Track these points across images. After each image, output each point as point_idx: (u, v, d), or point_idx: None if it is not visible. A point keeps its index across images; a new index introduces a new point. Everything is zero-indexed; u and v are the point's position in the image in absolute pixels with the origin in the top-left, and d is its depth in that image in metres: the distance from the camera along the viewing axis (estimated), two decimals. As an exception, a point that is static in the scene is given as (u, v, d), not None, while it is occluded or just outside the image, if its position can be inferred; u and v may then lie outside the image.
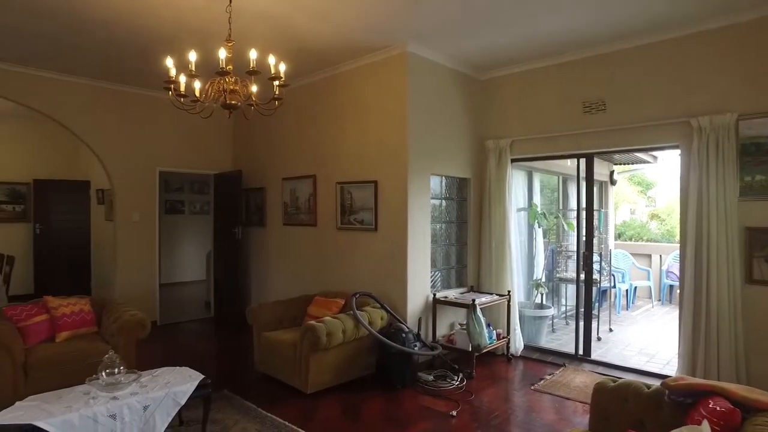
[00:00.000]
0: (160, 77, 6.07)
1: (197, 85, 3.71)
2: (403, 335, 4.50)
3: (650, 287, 8.37)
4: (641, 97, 4.66)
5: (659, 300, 8.54)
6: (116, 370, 3.21)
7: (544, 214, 5.97)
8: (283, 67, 3.66)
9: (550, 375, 4.83)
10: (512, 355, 5.38)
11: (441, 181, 5.50)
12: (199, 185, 10.61)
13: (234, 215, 6.97)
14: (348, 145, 5.57)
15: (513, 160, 5.54)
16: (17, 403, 2.96)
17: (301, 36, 4.73)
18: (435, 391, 4.43)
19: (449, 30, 4.57)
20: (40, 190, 8.66)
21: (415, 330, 4.79)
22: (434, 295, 5.16)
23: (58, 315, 4.30)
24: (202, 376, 3.42)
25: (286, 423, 3.73)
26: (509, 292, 5.37)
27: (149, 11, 4.19)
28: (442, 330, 5.27)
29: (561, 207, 7.41)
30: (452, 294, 5.37)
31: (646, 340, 6.20)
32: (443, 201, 5.54)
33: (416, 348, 4.51)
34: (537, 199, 6.24)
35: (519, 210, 5.90)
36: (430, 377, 4.66)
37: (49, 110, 6.02)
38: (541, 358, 5.39)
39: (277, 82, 3.62)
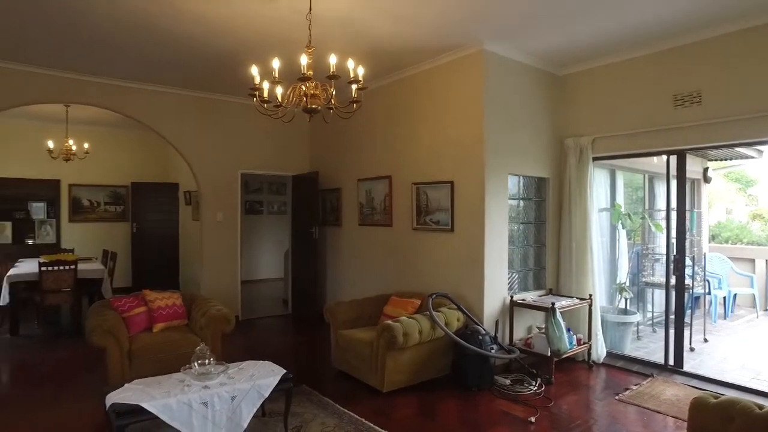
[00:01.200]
0: (243, 85, 6.42)
1: (279, 90, 3.87)
2: (480, 337, 4.44)
3: (754, 295, 7.66)
4: (744, 86, 4.28)
5: (766, 309, 7.80)
6: (207, 361, 3.41)
7: (629, 215, 5.66)
8: (361, 71, 3.72)
9: (636, 385, 4.57)
10: (594, 362, 5.14)
11: (518, 181, 5.37)
12: (277, 186, 11.04)
13: (311, 215, 7.19)
14: (424, 145, 5.58)
15: (594, 159, 5.30)
16: (126, 385, 3.23)
17: (378, 38, 4.80)
18: (512, 395, 4.34)
19: (528, 26, 4.46)
20: (137, 192, 9.42)
21: (492, 332, 4.71)
22: (511, 297, 5.05)
23: (155, 308, 4.64)
24: (285, 371, 3.56)
25: (363, 420, 3.79)
26: (591, 295, 5.14)
27: (236, 23, 4.43)
28: (519, 333, 5.14)
29: (647, 207, 6.99)
30: (530, 297, 5.23)
31: (750, 354, 5.70)
32: (521, 201, 5.41)
33: (493, 351, 4.44)
34: (620, 198, 5.92)
35: (601, 210, 5.63)
36: (507, 381, 4.56)
37: (145, 119, 6.52)
38: (625, 366, 5.11)
39: (355, 86, 3.69)
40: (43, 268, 6.18)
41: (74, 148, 7.94)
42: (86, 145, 8.37)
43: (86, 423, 3.79)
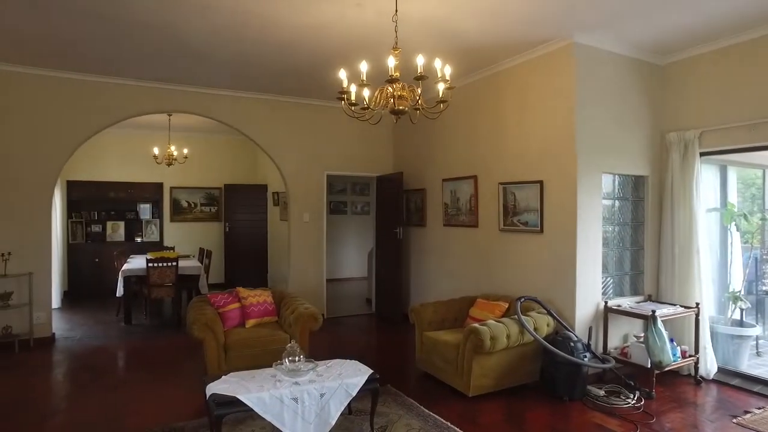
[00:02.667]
0: (328, 88, 6.59)
1: (366, 93, 3.91)
2: (572, 344, 4.21)
3: None
4: None
5: None
6: (297, 358, 3.51)
7: (744, 215, 5.11)
8: (448, 70, 3.66)
9: (760, 409, 4.05)
10: (702, 377, 4.69)
11: (613, 180, 5.04)
12: (360, 187, 11.24)
13: (395, 215, 7.22)
14: (510, 144, 5.41)
15: (702, 154, 4.84)
16: (223, 377, 3.40)
17: (463, 36, 4.71)
18: (607, 407, 4.07)
19: (623, 15, 4.17)
20: (229, 193, 9.98)
21: (585, 339, 4.46)
22: (606, 303, 4.75)
23: (247, 304, 4.87)
24: (371, 371, 3.58)
25: (449, 424, 3.72)
26: (698, 304, 4.71)
27: (323, 29, 4.54)
28: (613, 341, 4.83)
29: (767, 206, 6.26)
30: (626, 303, 4.89)
31: None
32: (616, 201, 5.08)
33: (586, 359, 4.19)
34: (732, 197, 5.36)
35: (709, 211, 5.14)
36: (601, 392, 4.29)
37: (238, 124, 6.89)
38: (743, 385, 4.57)
39: (443, 86, 3.64)
40: (150, 264, 6.72)
41: (175, 153, 8.56)
42: (186, 151, 8.99)
43: (187, 406, 4.06)
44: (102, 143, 9.30)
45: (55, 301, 8.00)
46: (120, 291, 6.92)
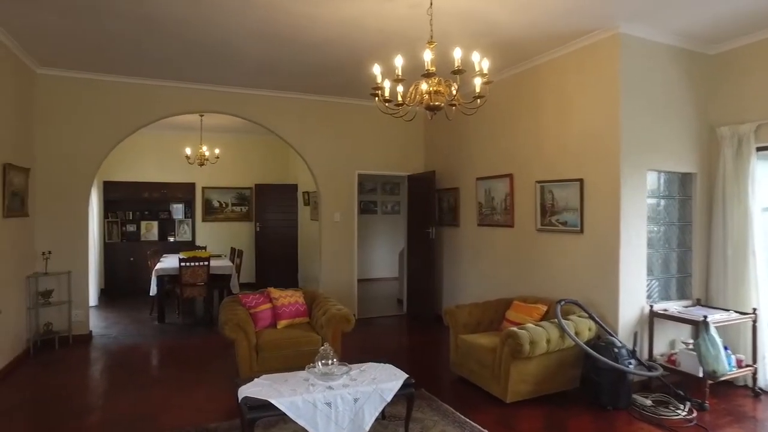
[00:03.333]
0: (360, 87, 6.50)
1: (400, 89, 3.80)
2: (615, 350, 4.00)
3: None
4: None
5: None
6: (330, 361, 3.42)
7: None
8: (486, 64, 3.51)
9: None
10: (761, 389, 4.37)
11: (658, 178, 4.79)
12: (390, 186, 11.13)
13: (427, 215, 7.09)
14: (549, 141, 5.21)
15: (759, 149, 4.54)
16: (255, 380, 3.34)
17: (500, 29, 4.55)
18: (655, 419, 3.84)
19: (672, 2, 3.93)
20: (260, 193, 10.00)
21: (629, 345, 4.24)
22: (651, 307, 4.51)
23: (279, 305, 4.81)
24: (407, 376, 3.46)
25: (486, 431, 3.58)
26: (755, 310, 4.41)
27: (358, 25, 4.44)
28: (659, 347, 4.58)
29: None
30: (673, 307, 4.64)
31: None
32: (661, 200, 4.82)
33: (631, 366, 3.97)
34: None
35: (765, 209, 4.82)
36: (648, 402, 4.07)
37: (270, 124, 6.87)
38: (808, 399, 4.26)
39: (480, 80, 3.49)
40: (182, 264, 6.76)
41: (207, 153, 8.62)
42: (217, 151, 9.05)
43: (219, 407, 4.04)
44: (137, 144, 9.46)
45: (93, 299, 8.16)
46: (153, 290, 7.00)
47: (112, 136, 6.20)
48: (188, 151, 8.46)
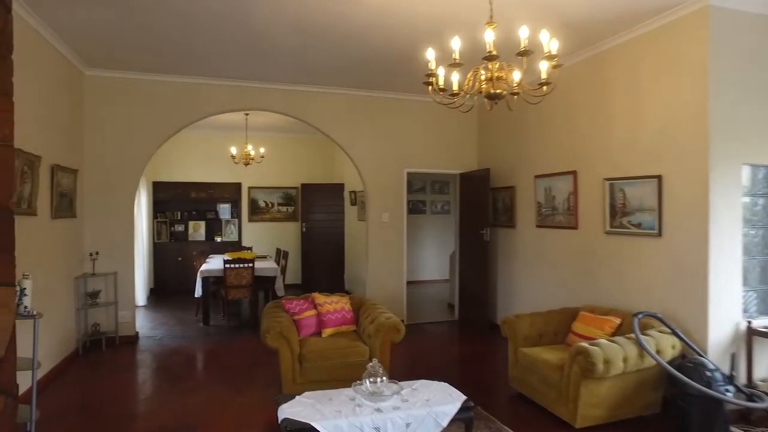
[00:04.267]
0: (407, 80, 6.16)
1: (455, 77, 3.43)
2: (708, 373, 3.46)
3: None
4: None
5: None
6: (379, 379, 3.09)
7: None
8: (555, 45, 3.08)
9: None
10: None
11: (755, 173, 4.16)
12: (439, 185, 10.71)
13: (481, 216, 6.65)
14: (618, 134, 4.68)
15: None
16: (297, 398, 3.06)
17: (564, 9, 4.08)
18: (756, 454, 3.29)
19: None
20: (306, 193, 9.80)
21: (724, 368, 3.67)
22: (749, 323, 3.92)
23: (324, 312, 4.52)
24: (465, 398, 3.09)
25: (555, 462, 3.16)
26: None
27: (404, 9, 4.09)
28: (760, 371, 3.97)
29: None
30: (773, 323, 4.02)
31: None
32: (759, 198, 4.19)
33: (729, 394, 3.42)
34: None
35: None
36: (748, 435, 3.51)
37: (315, 121, 6.61)
38: None
39: (548, 63, 3.06)
40: (227, 265, 6.61)
41: (252, 153, 8.49)
42: (262, 150, 8.91)
43: (260, 420, 3.82)
44: (184, 145, 9.50)
45: (141, 298, 8.20)
46: (198, 291, 6.89)
47: (157, 136, 6.11)
48: (233, 150, 8.35)
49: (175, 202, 9.77)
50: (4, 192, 3.56)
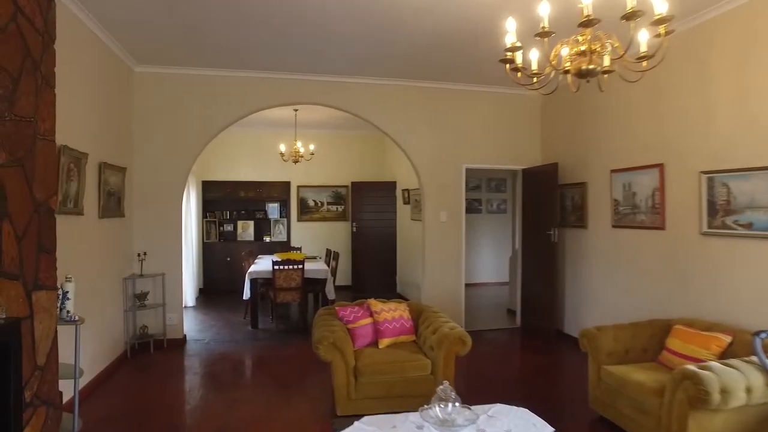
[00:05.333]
0: (467, 69, 5.69)
1: (534, 55, 2.96)
2: None
3: None
4: None
5: None
6: (450, 405, 2.65)
7: None
8: (664, 7, 2.54)
9: None
10: None
11: None
12: (496, 183, 10.14)
13: (548, 215, 6.09)
14: (721, 119, 4.03)
15: None
16: (356, 424, 2.67)
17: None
18: None
19: None
20: (356, 191, 9.44)
21: None
22: None
23: (381, 320, 4.12)
24: (551, 429, 2.60)
25: None
26: None
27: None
28: None
29: None
30: None
31: None
32: None
33: None
34: None
35: None
36: None
37: (367, 114, 6.24)
38: None
39: (657, 29, 2.53)
40: (276, 267, 6.33)
41: (302, 150, 8.22)
42: (312, 147, 8.64)
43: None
44: (233, 144, 9.38)
45: (190, 299, 8.09)
46: (247, 294, 6.66)
47: (205, 133, 5.90)
48: (282, 148, 8.09)
49: (224, 202, 9.66)
50: (45, 189, 3.25)
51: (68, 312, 3.24)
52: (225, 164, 9.55)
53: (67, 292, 3.27)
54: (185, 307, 7.48)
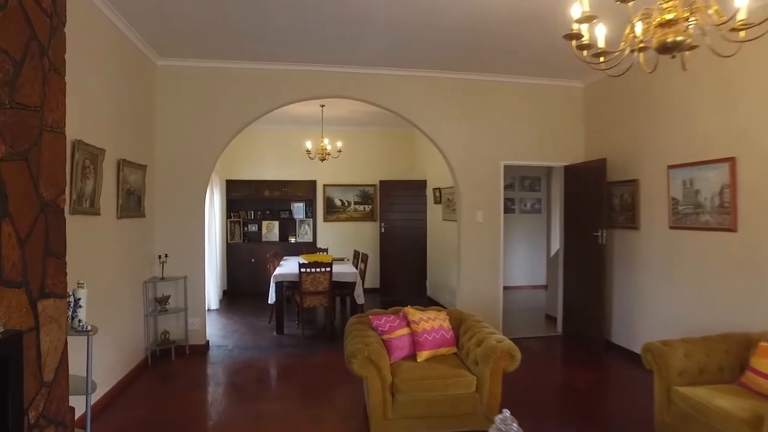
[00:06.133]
0: (506, 57, 5.28)
1: (601, 30, 2.57)
2: None
3: None
4: None
5: None
6: (512, 437, 2.26)
7: None
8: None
9: None
10: None
11: None
12: (530, 181, 9.66)
13: (595, 215, 5.62)
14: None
15: None
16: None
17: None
18: None
19: None
20: (384, 190, 9.05)
21: None
22: None
23: (420, 331, 3.74)
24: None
25: None
26: None
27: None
28: None
29: None
30: None
31: None
32: None
33: None
34: None
35: None
36: None
37: (398, 108, 5.87)
38: None
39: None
40: (303, 270, 6.01)
41: (329, 147, 7.90)
42: (339, 144, 8.31)
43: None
44: (257, 141, 9.14)
45: (214, 302, 7.84)
46: (272, 298, 6.36)
47: (230, 128, 5.61)
48: (309, 145, 7.78)
49: (249, 201, 9.41)
50: (54, 187, 2.91)
51: (80, 321, 2.95)
52: (249, 163, 9.31)
53: (80, 299, 2.98)
54: (208, 310, 7.24)
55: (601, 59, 2.59)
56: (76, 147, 3.52)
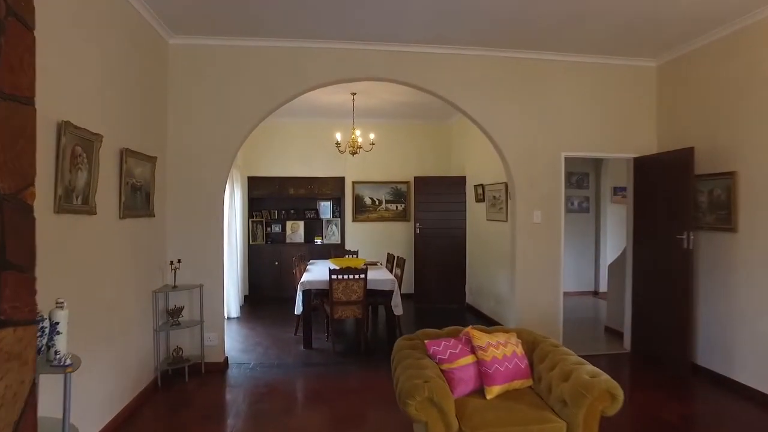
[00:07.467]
0: (568, 34, 4.49)
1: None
2: None
3: None
4: None
5: None
6: None
7: None
8: None
9: None
10: None
11: None
12: (577, 178, 8.77)
13: (678, 215, 4.76)
14: None
15: None
16: None
17: None
18: None
19: None
20: (419, 187, 8.24)
21: None
22: None
23: (488, 359, 2.96)
24: None
25: None
26: None
27: None
28: None
29: None
30: None
31: None
32: None
33: None
34: None
35: None
36: None
37: (444, 92, 5.12)
38: None
39: None
40: (334, 276, 5.28)
41: (360, 140, 7.17)
42: (372, 136, 7.57)
43: None
44: (282, 134, 8.51)
45: (234, 309, 7.19)
46: (298, 308, 5.65)
47: (253, 115, 4.92)
48: (339, 137, 7.06)
49: (272, 200, 8.74)
50: (16, 176, 2.11)
51: (57, 353, 2.26)
52: (272, 158, 8.63)
53: (57, 323, 2.28)
54: (228, 318, 6.60)
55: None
56: (62, 130, 2.84)
